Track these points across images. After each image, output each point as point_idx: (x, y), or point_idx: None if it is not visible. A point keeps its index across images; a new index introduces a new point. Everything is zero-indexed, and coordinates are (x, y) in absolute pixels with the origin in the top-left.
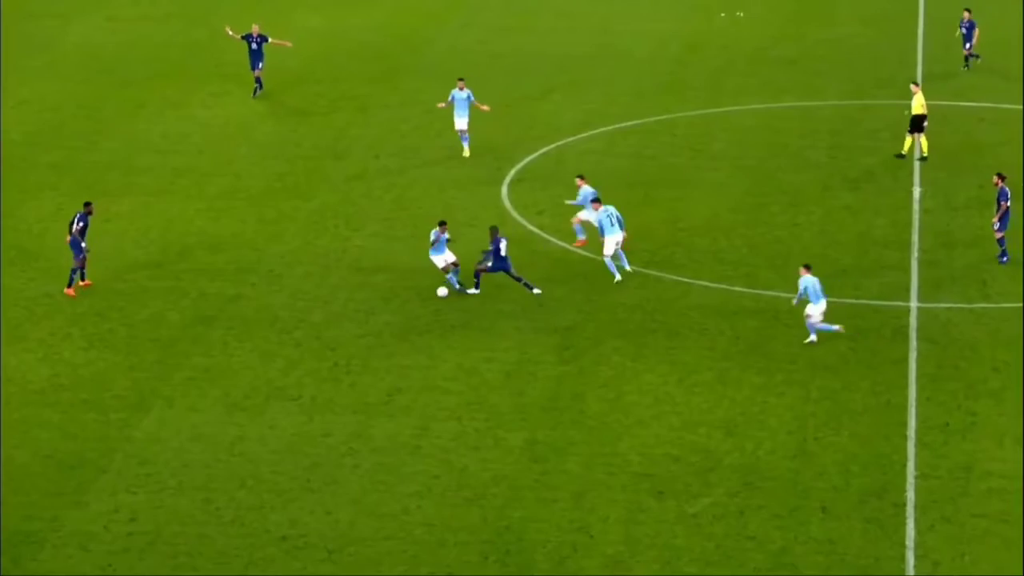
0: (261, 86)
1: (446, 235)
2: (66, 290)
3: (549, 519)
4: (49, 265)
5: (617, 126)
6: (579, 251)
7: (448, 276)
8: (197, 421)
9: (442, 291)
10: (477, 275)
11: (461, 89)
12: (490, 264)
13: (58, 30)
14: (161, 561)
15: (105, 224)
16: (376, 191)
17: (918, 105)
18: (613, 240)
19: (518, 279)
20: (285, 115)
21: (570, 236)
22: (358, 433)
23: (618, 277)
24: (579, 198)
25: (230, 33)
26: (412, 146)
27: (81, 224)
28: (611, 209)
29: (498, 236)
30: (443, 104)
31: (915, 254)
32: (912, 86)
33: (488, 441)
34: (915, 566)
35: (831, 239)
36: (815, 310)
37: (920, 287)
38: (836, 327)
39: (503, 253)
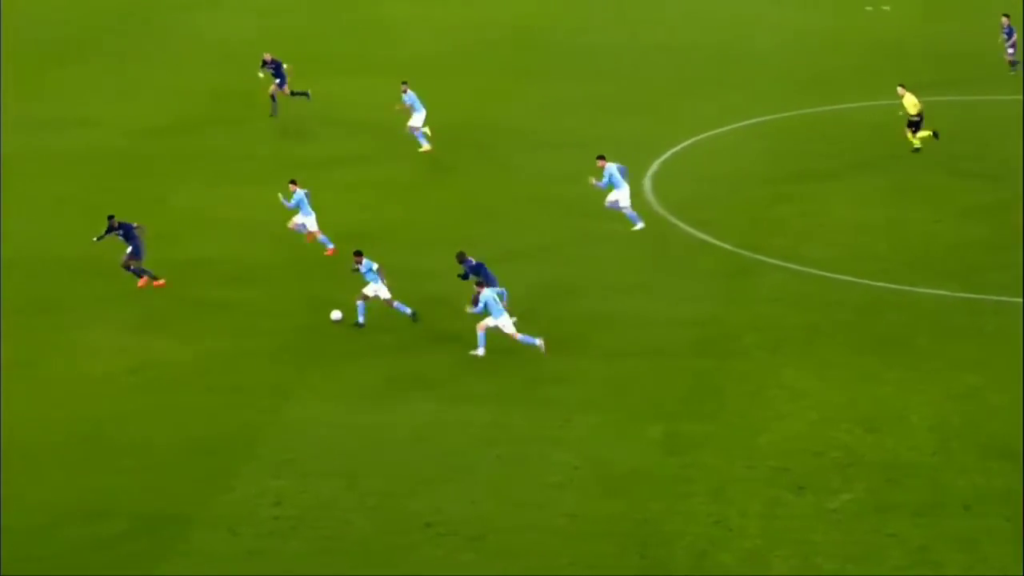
0: (275, 106)
1: (359, 266)
2: (155, 281)
3: (687, 512)
4: (192, 254)
5: (755, 120)
6: (722, 244)
7: (394, 304)
8: (339, 409)
9: (336, 314)
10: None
11: (405, 92)
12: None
13: (202, 20)
14: (305, 545)
15: (248, 213)
16: (519, 182)
17: (911, 106)
18: (625, 193)
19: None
20: (429, 108)
21: (710, 228)
22: (498, 423)
23: (640, 224)
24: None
25: (261, 75)
26: (550, 140)
27: (105, 234)
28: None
29: (467, 260)
30: (401, 107)
31: None
32: (899, 88)
33: (627, 433)
34: None
35: (969, 236)
36: (502, 322)
37: None
38: (538, 341)
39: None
